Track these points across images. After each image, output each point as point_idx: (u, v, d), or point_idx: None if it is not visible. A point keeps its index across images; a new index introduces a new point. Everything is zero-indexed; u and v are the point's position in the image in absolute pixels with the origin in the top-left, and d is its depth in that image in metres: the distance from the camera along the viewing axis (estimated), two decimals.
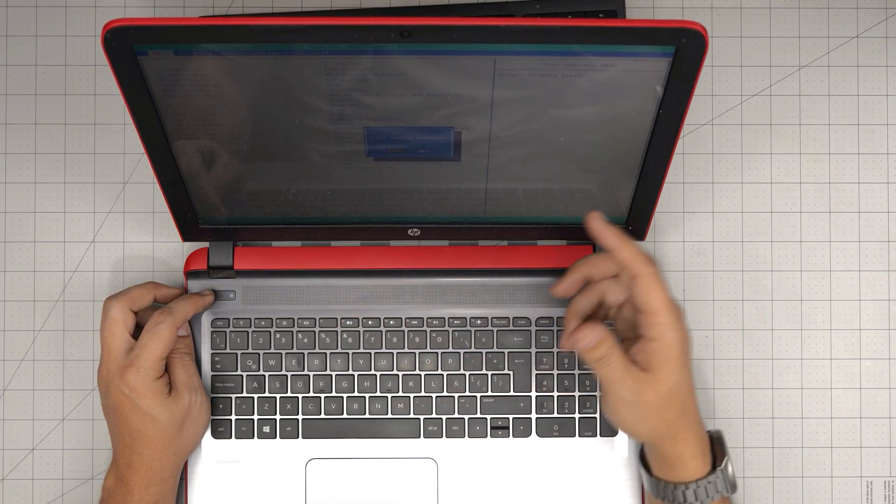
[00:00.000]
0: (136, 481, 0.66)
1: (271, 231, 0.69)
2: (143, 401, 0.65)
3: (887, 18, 0.75)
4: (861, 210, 0.74)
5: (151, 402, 0.65)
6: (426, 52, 0.53)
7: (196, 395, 0.68)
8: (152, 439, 0.65)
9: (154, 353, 0.65)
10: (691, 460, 0.63)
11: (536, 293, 0.72)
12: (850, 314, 0.74)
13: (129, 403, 0.65)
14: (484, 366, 0.71)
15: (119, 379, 0.65)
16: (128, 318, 0.66)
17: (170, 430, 0.66)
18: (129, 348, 0.66)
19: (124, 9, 0.75)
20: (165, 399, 0.66)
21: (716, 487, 0.63)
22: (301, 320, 0.71)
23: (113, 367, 0.65)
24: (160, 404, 0.65)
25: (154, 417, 0.65)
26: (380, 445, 0.71)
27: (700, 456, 0.63)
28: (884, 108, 0.75)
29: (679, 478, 0.63)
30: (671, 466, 0.63)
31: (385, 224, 0.68)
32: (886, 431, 0.74)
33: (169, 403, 0.66)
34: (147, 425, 0.65)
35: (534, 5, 0.72)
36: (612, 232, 0.61)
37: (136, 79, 0.52)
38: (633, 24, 0.50)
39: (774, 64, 0.75)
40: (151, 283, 0.70)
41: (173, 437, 0.66)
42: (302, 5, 0.75)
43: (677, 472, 0.63)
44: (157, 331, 0.65)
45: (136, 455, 0.66)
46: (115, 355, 0.66)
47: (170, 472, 0.67)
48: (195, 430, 0.69)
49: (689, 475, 0.63)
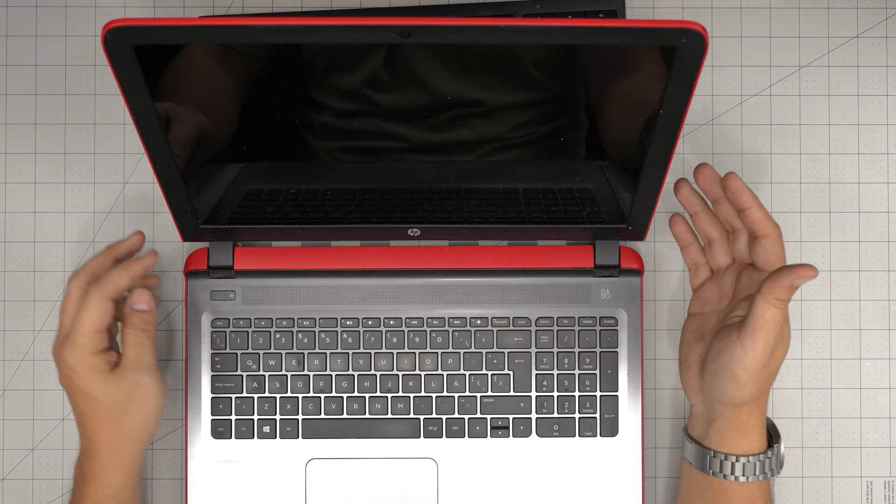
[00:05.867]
0: (90, 470, 0.63)
1: (271, 231, 0.69)
2: (80, 379, 0.61)
3: (887, 18, 0.75)
4: (861, 210, 0.74)
5: (88, 379, 0.61)
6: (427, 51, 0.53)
7: (143, 376, 0.63)
8: (96, 422, 0.62)
9: (85, 325, 0.61)
10: (755, 433, 0.64)
11: (536, 293, 0.72)
12: (850, 314, 0.74)
13: (70, 382, 0.61)
14: (484, 366, 0.71)
15: (60, 356, 0.61)
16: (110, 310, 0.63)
17: (112, 412, 0.62)
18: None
19: (124, 9, 0.75)
20: (105, 376, 0.61)
21: (766, 466, 0.64)
22: (301, 320, 0.71)
23: (57, 344, 0.62)
24: (99, 382, 0.61)
25: (93, 397, 0.61)
26: (380, 445, 0.71)
27: (761, 431, 0.65)
28: (884, 108, 0.75)
29: (736, 450, 0.64)
30: (735, 437, 0.64)
31: (385, 224, 0.68)
32: (886, 431, 0.74)
33: (108, 381, 0.61)
34: (88, 406, 0.61)
35: (534, 5, 0.72)
36: (749, 191, 0.64)
37: (136, 79, 0.52)
38: (632, 24, 0.50)
39: (774, 64, 0.75)
40: (108, 247, 0.66)
41: (117, 420, 0.62)
42: (302, 5, 0.75)
43: (738, 443, 0.64)
44: (86, 302, 0.61)
45: (86, 441, 0.62)
46: (62, 331, 0.62)
47: (122, 461, 0.63)
48: (142, 415, 0.63)
49: (748, 447, 0.64)
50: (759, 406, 0.64)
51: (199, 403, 0.71)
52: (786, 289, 0.60)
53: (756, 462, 0.64)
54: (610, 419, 0.71)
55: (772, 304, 0.60)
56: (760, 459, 0.64)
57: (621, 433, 0.71)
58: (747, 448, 0.64)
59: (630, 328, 0.71)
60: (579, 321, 0.71)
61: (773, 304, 0.60)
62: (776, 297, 0.60)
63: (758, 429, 0.64)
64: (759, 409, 0.64)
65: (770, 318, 0.61)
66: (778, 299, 0.60)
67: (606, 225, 0.67)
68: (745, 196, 0.64)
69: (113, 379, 0.61)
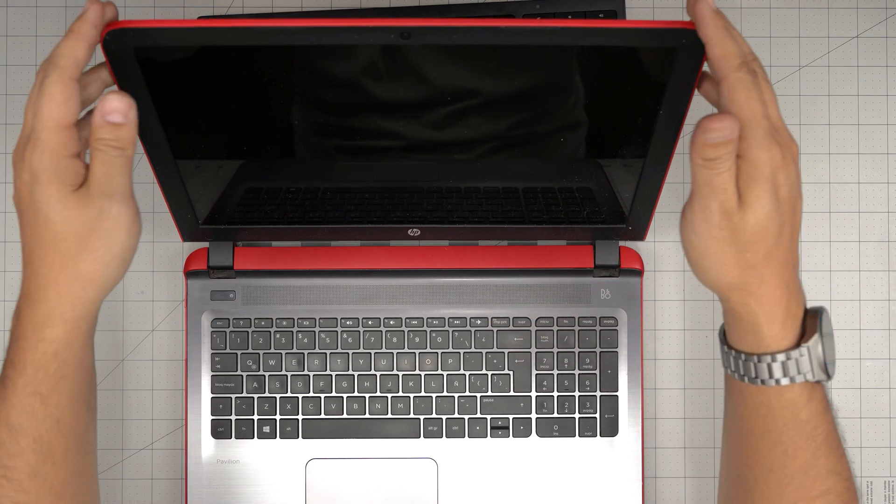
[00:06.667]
0: (29, 318, 0.51)
1: (271, 231, 0.69)
2: (38, 188, 0.49)
3: (887, 18, 0.75)
4: (861, 210, 0.74)
5: (48, 190, 0.49)
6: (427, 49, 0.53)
7: (114, 204, 0.50)
8: (45, 252, 0.50)
9: (48, 118, 0.48)
10: (766, 325, 0.52)
11: (536, 293, 0.72)
12: (850, 314, 0.74)
13: (27, 195, 0.49)
14: (484, 366, 0.71)
15: (20, 161, 0.49)
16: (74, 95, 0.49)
17: (67, 243, 0.50)
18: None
19: (124, 9, 0.75)
20: (68, 193, 0.49)
21: (797, 367, 0.52)
22: (301, 320, 0.71)
23: (18, 148, 0.50)
24: (57, 198, 0.49)
25: (46, 216, 0.49)
26: (380, 445, 0.71)
27: (779, 323, 0.52)
28: (884, 108, 0.75)
29: (752, 348, 0.52)
30: (744, 332, 0.53)
31: (385, 224, 0.68)
32: (886, 431, 0.74)
33: (68, 201, 0.49)
34: (40, 228, 0.49)
35: (534, 5, 0.72)
36: (716, 22, 0.49)
37: (135, 81, 0.52)
38: (632, 24, 0.50)
39: (774, 64, 0.75)
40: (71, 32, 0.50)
41: (72, 254, 0.50)
42: (302, 5, 0.75)
43: (750, 339, 0.53)
44: (45, 88, 0.48)
45: (30, 278, 0.50)
46: (24, 132, 0.50)
47: (71, 309, 0.51)
48: (106, 252, 0.51)
49: (765, 345, 0.52)
50: (753, 293, 0.51)
51: (199, 403, 0.71)
52: (705, 146, 0.48)
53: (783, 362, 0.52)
54: (610, 419, 0.71)
55: (699, 164, 0.49)
56: (776, 359, 0.52)
57: (621, 433, 0.71)
58: (755, 346, 0.52)
59: (630, 328, 0.71)
60: (579, 321, 0.71)
61: (700, 164, 0.49)
62: (700, 156, 0.49)
63: (765, 321, 0.52)
64: (754, 296, 0.52)
65: (704, 181, 0.50)
66: (704, 159, 0.49)
67: (606, 225, 0.67)
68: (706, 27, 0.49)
69: (74, 200, 0.49)
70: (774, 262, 0.51)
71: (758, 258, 0.51)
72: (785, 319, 0.52)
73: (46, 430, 0.52)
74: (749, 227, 0.50)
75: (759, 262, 0.51)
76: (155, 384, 0.74)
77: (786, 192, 0.50)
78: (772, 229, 0.50)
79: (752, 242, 0.50)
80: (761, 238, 0.50)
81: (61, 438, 0.52)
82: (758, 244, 0.51)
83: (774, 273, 0.51)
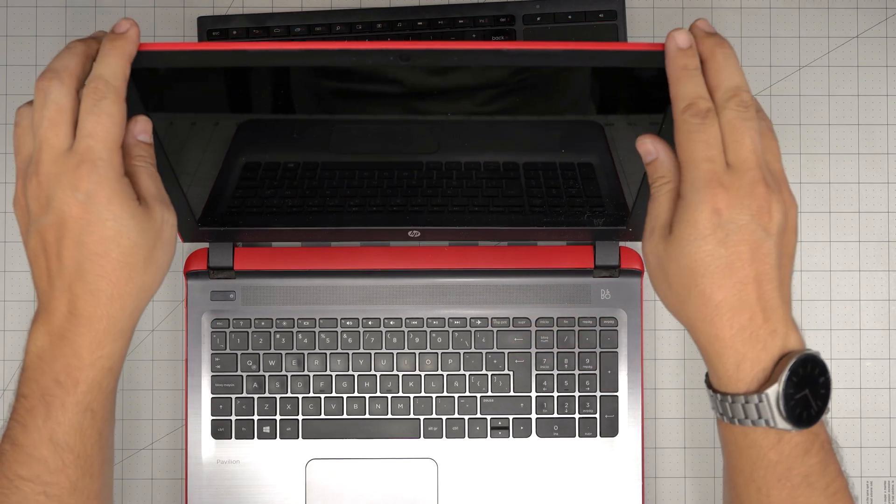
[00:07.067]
0: (84, 336, 0.49)
1: (271, 233, 0.69)
2: (106, 208, 0.48)
3: (887, 18, 0.75)
4: (861, 210, 0.74)
5: (118, 208, 0.48)
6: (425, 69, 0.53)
7: (169, 213, 0.52)
8: (111, 268, 0.49)
9: (110, 138, 0.48)
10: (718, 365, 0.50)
11: (536, 293, 0.72)
12: (850, 314, 0.74)
13: (85, 216, 0.48)
14: (484, 366, 0.71)
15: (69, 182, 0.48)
16: (76, 105, 0.49)
17: (138, 256, 0.49)
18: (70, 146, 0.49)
19: (124, 9, 0.75)
20: (136, 208, 0.49)
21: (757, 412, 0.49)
22: (301, 321, 0.72)
23: (54, 170, 0.48)
24: (130, 213, 0.49)
25: (120, 232, 0.48)
26: (380, 446, 0.71)
27: (731, 366, 0.49)
28: (884, 108, 0.75)
29: (714, 381, 0.51)
30: (706, 362, 0.52)
31: (385, 226, 0.68)
32: (886, 431, 0.74)
33: (139, 214, 0.49)
34: (109, 245, 0.48)
35: (534, 5, 0.72)
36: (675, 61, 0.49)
37: (131, 96, 0.52)
38: (630, 47, 0.51)
39: (774, 64, 0.75)
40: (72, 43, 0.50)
41: (141, 266, 0.50)
42: (302, 5, 0.75)
43: (711, 373, 0.51)
44: (103, 109, 0.48)
45: (87, 295, 0.49)
46: (57, 153, 0.48)
47: (129, 321, 0.51)
48: (165, 260, 0.52)
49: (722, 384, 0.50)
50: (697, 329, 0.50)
51: (199, 403, 0.71)
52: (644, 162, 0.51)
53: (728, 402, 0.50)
54: (610, 419, 0.71)
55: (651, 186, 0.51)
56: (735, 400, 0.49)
57: (621, 433, 0.71)
58: (715, 380, 0.51)
59: (630, 328, 0.71)
60: (579, 321, 0.71)
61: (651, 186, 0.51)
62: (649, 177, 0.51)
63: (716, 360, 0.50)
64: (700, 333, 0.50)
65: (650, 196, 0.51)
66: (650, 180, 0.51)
67: (607, 227, 0.67)
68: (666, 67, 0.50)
69: (142, 213, 0.49)
70: (714, 305, 0.49)
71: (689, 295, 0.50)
72: (739, 363, 0.49)
73: (91, 444, 0.52)
74: (671, 260, 0.50)
75: (693, 299, 0.50)
76: (155, 384, 0.74)
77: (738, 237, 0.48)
78: (701, 271, 0.49)
79: (678, 276, 0.50)
80: (687, 275, 0.49)
81: (100, 451, 0.53)
82: (683, 280, 0.49)
83: (719, 315, 0.49)
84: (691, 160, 0.48)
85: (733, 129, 0.48)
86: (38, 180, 0.49)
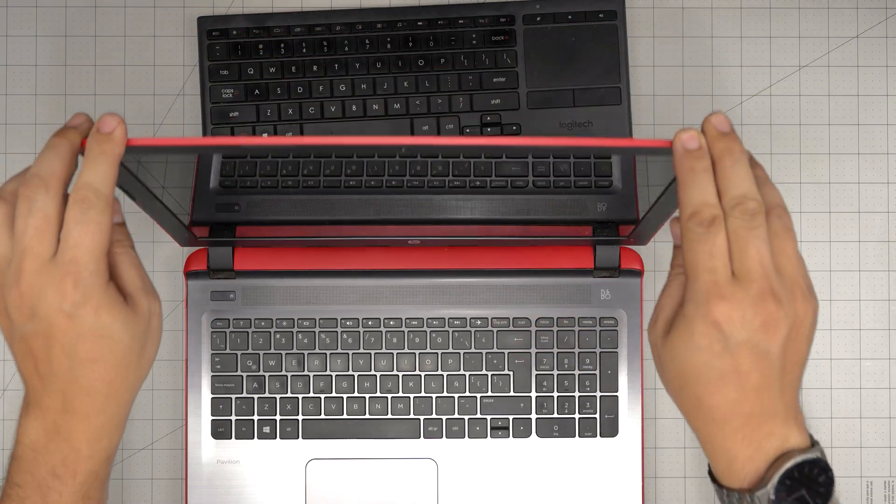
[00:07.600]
0: (83, 432, 0.49)
1: (271, 232, 0.69)
2: (97, 317, 0.48)
3: (887, 18, 0.75)
4: (861, 210, 0.74)
5: (108, 316, 0.48)
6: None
7: (154, 302, 0.52)
8: (107, 370, 0.49)
9: (97, 247, 0.47)
10: (712, 459, 0.51)
11: (536, 293, 0.72)
12: (850, 314, 0.74)
13: (74, 327, 0.47)
14: (484, 366, 0.71)
15: (55, 294, 0.47)
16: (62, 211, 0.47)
17: (130, 354, 0.50)
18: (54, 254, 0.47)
19: (124, 9, 0.75)
20: (124, 311, 0.49)
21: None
22: (301, 321, 0.72)
23: (37, 282, 0.47)
24: (120, 319, 0.48)
25: (112, 338, 0.48)
26: (380, 446, 0.71)
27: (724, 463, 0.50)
28: (884, 108, 0.75)
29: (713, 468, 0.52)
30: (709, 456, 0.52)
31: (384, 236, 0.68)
32: (886, 431, 0.74)
33: (128, 316, 0.49)
34: (103, 351, 0.48)
35: (534, 5, 0.72)
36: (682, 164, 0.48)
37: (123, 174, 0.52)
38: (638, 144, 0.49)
39: (774, 64, 0.75)
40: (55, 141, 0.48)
41: (134, 362, 0.50)
42: (302, 5, 0.75)
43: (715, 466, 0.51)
44: (91, 218, 0.47)
45: (83, 395, 0.49)
46: (41, 263, 0.47)
47: (126, 411, 0.51)
48: (155, 347, 0.52)
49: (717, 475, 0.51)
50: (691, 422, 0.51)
51: (199, 404, 0.71)
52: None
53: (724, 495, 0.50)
54: (610, 419, 0.71)
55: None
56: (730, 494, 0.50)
57: (621, 433, 0.71)
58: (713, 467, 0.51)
59: (630, 328, 0.71)
60: (579, 321, 0.71)
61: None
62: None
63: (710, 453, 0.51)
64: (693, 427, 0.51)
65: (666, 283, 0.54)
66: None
67: (610, 237, 0.68)
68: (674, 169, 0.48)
69: (130, 314, 0.49)
70: (706, 408, 0.49)
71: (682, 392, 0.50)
72: (731, 462, 0.49)
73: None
74: (667, 359, 0.50)
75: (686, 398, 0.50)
76: (155, 384, 0.74)
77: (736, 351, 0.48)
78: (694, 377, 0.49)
79: (672, 373, 0.50)
80: (680, 377, 0.50)
81: None
82: (677, 379, 0.50)
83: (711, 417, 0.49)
84: (693, 270, 0.48)
85: (738, 239, 0.47)
86: (20, 291, 0.47)
